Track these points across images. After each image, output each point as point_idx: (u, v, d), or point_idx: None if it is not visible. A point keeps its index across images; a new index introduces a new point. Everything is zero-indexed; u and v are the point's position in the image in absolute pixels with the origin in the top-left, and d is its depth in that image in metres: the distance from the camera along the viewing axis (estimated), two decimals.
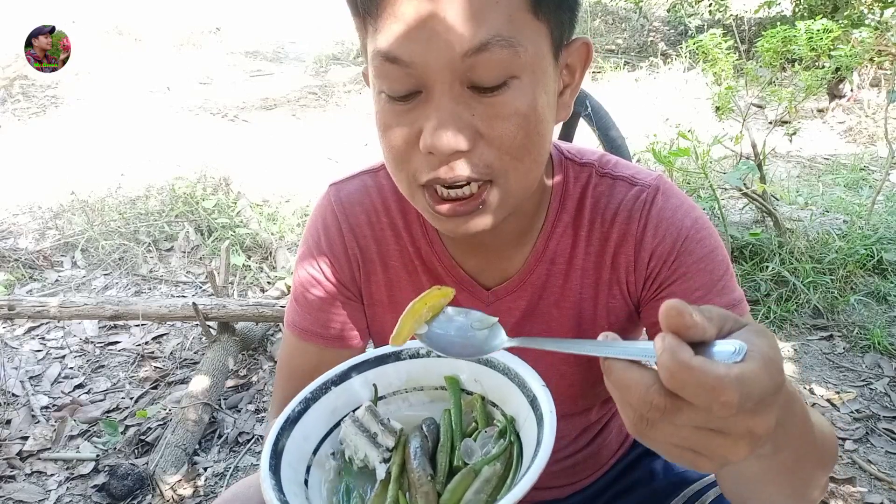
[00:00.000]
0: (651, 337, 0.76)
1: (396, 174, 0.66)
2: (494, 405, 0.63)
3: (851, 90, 4.41)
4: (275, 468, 0.56)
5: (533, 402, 0.57)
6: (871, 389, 2.06)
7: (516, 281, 0.77)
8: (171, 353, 2.39)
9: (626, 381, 0.39)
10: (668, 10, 6.08)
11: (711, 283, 0.72)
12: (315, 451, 0.61)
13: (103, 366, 2.32)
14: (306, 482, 0.59)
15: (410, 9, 0.56)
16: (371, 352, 0.65)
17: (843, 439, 1.87)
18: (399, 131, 0.62)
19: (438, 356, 0.62)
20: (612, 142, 1.31)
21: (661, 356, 0.36)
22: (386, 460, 0.59)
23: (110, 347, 2.43)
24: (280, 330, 2.41)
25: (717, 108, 2.76)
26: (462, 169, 0.60)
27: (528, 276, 0.77)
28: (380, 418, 0.62)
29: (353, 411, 0.63)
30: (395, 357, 0.65)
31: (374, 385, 0.64)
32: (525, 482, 0.49)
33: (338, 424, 0.63)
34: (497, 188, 0.63)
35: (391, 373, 0.65)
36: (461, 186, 0.62)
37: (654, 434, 0.40)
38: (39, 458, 1.89)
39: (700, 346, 0.38)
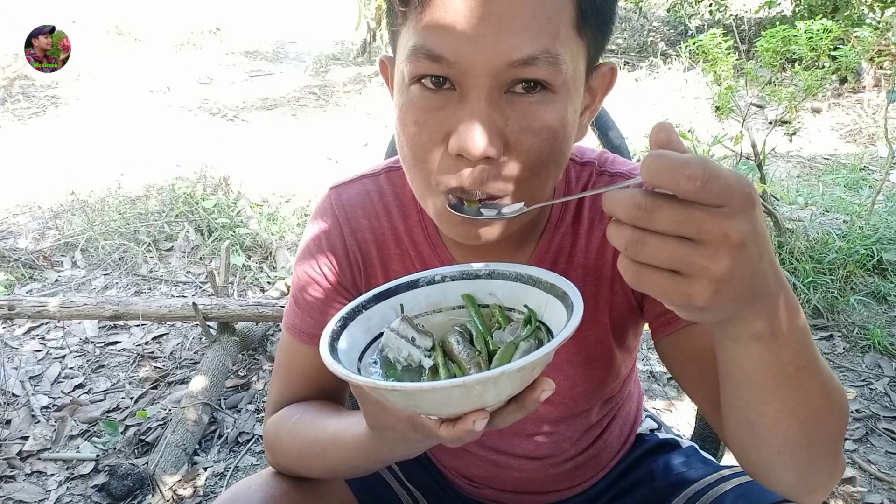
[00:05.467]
0: (654, 331, 0.77)
1: (414, 172, 0.66)
2: (511, 309, 0.66)
3: (864, 86, 4.42)
4: (336, 359, 0.58)
5: (551, 289, 0.60)
6: (871, 389, 2.06)
7: None
8: (171, 353, 2.39)
9: (614, 197, 0.43)
10: (668, 10, 6.08)
11: None
12: (360, 359, 0.63)
13: (103, 366, 2.32)
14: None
15: (462, 8, 0.55)
16: (391, 282, 0.68)
17: (844, 439, 1.87)
18: (425, 129, 0.61)
19: (453, 279, 0.66)
20: (611, 142, 1.31)
21: (646, 158, 0.41)
22: (428, 356, 0.62)
23: (110, 347, 2.43)
24: (280, 330, 2.41)
25: (717, 108, 2.76)
26: (485, 181, 0.60)
27: None
28: (415, 324, 0.64)
29: (389, 325, 0.66)
30: (413, 285, 0.67)
31: (401, 305, 0.67)
32: (574, 319, 0.52)
33: (373, 341, 0.65)
34: (511, 202, 0.63)
35: (411, 299, 0.67)
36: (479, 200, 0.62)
37: (644, 252, 0.43)
38: (39, 458, 1.89)
39: None
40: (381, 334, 0.64)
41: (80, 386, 2.22)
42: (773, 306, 0.49)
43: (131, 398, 2.14)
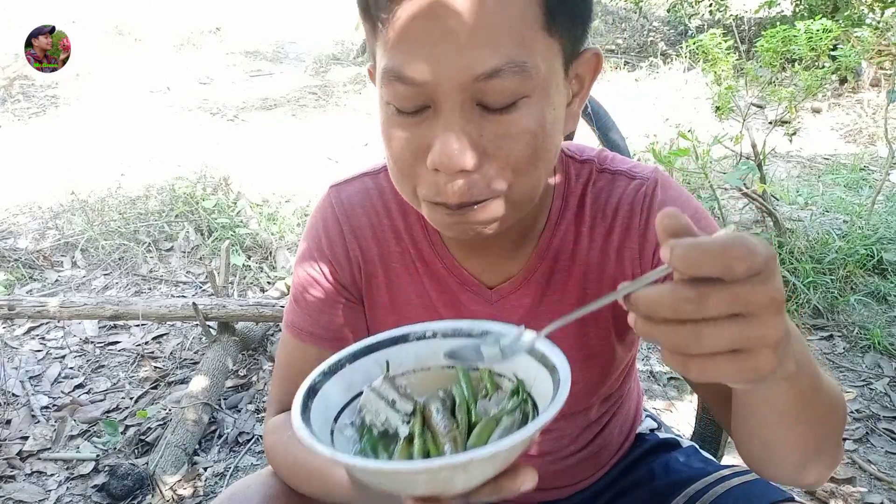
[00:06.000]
0: None
1: (400, 185, 0.67)
2: (501, 375, 0.64)
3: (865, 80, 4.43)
4: (307, 421, 0.57)
5: (542, 359, 0.58)
6: (871, 389, 2.06)
7: (520, 279, 0.77)
8: (171, 353, 2.39)
9: (652, 298, 0.42)
10: (668, 10, 6.07)
11: None
12: (335, 419, 0.62)
13: (103, 366, 2.32)
14: (332, 442, 0.60)
15: (422, 27, 0.56)
16: (380, 335, 0.66)
17: (844, 439, 1.87)
18: (406, 145, 0.62)
19: (444, 337, 0.64)
20: (611, 142, 1.31)
21: (673, 250, 0.41)
22: (407, 422, 0.60)
23: (110, 347, 2.43)
24: (280, 330, 2.41)
25: (717, 108, 2.77)
26: (466, 192, 0.61)
27: (531, 273, 0.77)
28: (397, 386, 0.63)
29: (371, 383, 0.64)
30: (403, 339, 0.65)
31: (387, 361, 0.66)
32: (557, 403, 0.50)
33: (354, 399, 0.64)
34: (500, 202, 0.63)
35: (400, 354, 0.66)
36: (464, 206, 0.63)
37: (704, 344, 0.41)
38: (39, 458, 1.89)
39: None
40: (361, 392, 0.62)
41: (80, 386, 2.22)
42: (793, 341, 0.49)
43: (131, 398, 2.14)
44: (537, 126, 0.60)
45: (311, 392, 0.60)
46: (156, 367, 2.30)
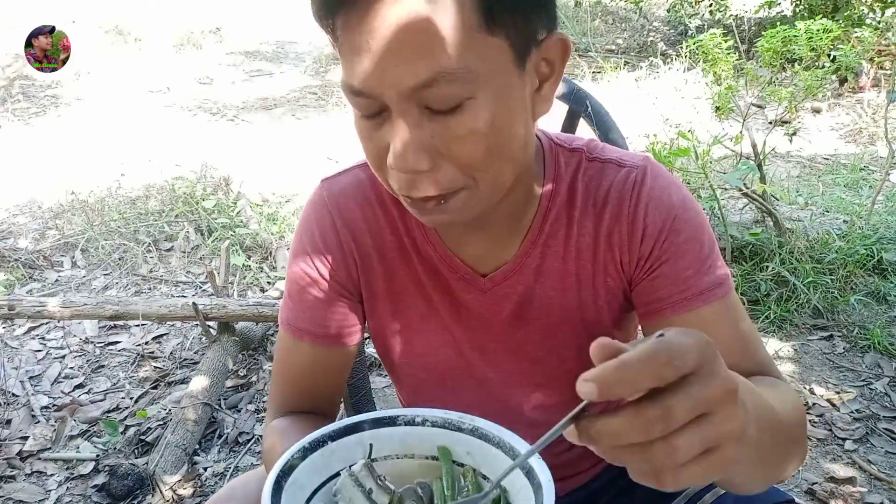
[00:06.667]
0: (642, 317, 0.77)
1: (380, 179, 0.69)
2: (486, 478, 0.63)
3: (863, 83, 4.43)
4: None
5: (529, 474, 0.58)
6: (871, 389, 2.06)
7: (512, 266, 0.78)
8: (171, 353, 2.39)
9: (617, 428, 0.40)
10: (668, 10, 6.07)
11: (700, 261, 0.74)
12: (308, 501, 0.61)
13: (103, 366, 2.32)
14: None
15: (361, 42, 0.58)
16: (368, 414, 0.66)
17: (843, 439, 1.87)
18: (372, 146, 0.65)
19: (433, 425, 0.64)
20: (611, 142, 1.32)
21: (601, 384, 0.39)
22: None
23: (110, 347, 2.43)
24: None
25: (717, 108, 2.77)
26: (426, 188, 0.62)
27: (524, 259, 0.77)
28: (376, 475, 0.62)
29: (350, 466, 0.64)
30: (391, 422, 0.65)
31: (371, 444, 0.65)
32: None
33: (331, 479, 0.63)
34: (465, 192, 0.64)
35: (385, 437, 0.65)
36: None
37: (679, 457, 0.40)
38: (39, 458, 1.89)
39: None
40: (339, 473, 0.62)
41: (80, 386, 2.22)
42: (745, 397, 0.47)
43: (131, 398, 2.14)
44: (486, 125, 0.60)
45: (287, 470, 0.59)
46: (156, 367, 2.30)
